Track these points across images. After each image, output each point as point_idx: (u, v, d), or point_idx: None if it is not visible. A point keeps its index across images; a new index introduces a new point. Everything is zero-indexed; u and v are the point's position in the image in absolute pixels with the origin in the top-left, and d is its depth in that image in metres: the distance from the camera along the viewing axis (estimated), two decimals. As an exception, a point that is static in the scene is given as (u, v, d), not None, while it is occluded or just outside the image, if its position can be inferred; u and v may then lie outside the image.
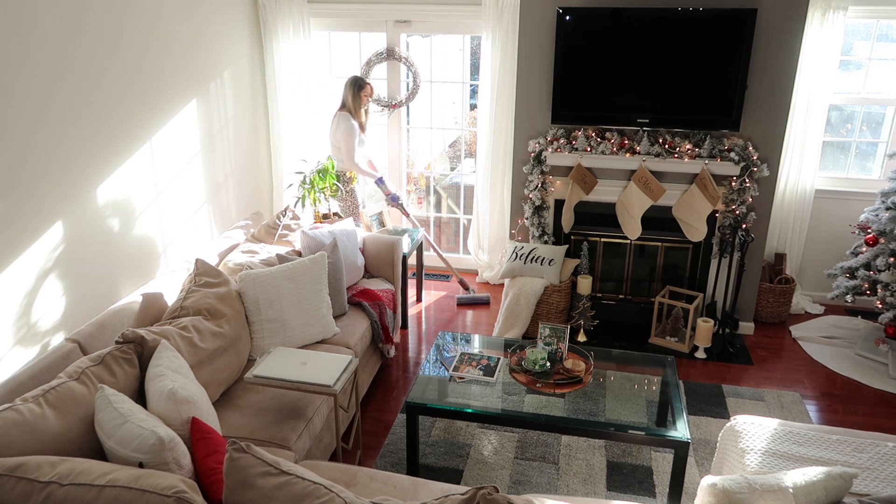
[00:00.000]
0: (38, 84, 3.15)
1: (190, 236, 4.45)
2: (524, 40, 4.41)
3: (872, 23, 4.66)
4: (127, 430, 2.00)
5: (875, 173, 4.95)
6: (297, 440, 2.80)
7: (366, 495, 2.32)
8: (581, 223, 4.62)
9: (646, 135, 4.31)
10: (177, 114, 4.20)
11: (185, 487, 1.73)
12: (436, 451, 3.40)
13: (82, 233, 3.51)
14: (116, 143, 3.70)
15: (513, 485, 3.16)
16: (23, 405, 2.05)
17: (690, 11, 4.02)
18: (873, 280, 4.17)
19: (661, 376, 3.29)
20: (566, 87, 4.32)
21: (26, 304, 3.21)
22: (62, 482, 1.74)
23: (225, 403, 2.98)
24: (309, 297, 3.41)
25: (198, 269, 3.21)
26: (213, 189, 4.71)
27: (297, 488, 1.70)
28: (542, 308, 4.47)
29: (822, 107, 4.62)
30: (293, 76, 5.24)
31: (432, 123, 5.69)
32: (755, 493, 1.96)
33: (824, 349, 4.45)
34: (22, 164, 3.13)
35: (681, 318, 4.44)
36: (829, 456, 2.61)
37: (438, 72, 5.53)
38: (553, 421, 2.93)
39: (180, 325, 2.84)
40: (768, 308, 4.76)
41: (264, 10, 5.10)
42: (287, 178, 5.42)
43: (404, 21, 5.14)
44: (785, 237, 4.95)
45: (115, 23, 3.60)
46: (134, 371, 2.44)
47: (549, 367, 3.21)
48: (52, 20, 3.20)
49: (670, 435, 2.81)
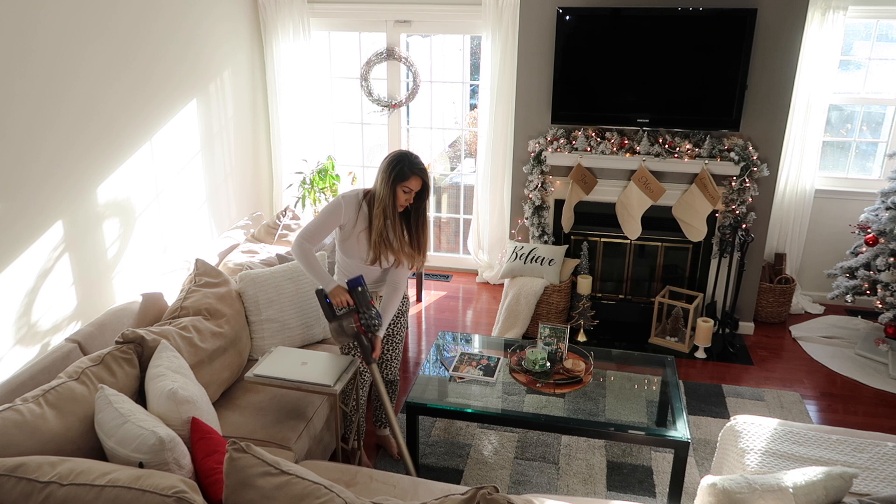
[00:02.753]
0: (47, 88, 3.15)
1: (190, 236, 4.45)
2: (524, 40, 4.41)
3: (872, 23, 4.66)
4: (127, 430, 2.00)
5: (875, 173, 4.95)
6: (297, 440, 2.80)
7: (366, 495, 2.32)
8: (581, 223, 4.62)
9: (646, 135, 4.31)
10: (177, 114, 4.20)
11: (185, 487, 1.73)
12: (436, 451, 3.40)
13: (82, 233, 3.51)
14: (117, 143, 3.70)
15: (513, 485, 3.16)
16: (23, 405, 2.05)
17: (690, 11, 4.02)
18: (873, 280, 4.16)
19: (661, 376, 3.29)
20: (566, 87, 4.32)
21: (26, 304, 3.21)
22: (62, 482, 1.74)
23: (225, 403, 2.98)
24: (309, 297, 3.41)
25: (198, 269, 3.21)
26: (213, 189, 4.71)
27: (297, 488, 1.70)
28: (542, 308, 4.47)
29: (822, 107, 4.62)
30: (293, 76, 5.24)
31: (432, 123, 5.69)
32: (755, 493, 1.96)
33: (824, 349, 4.45)
34: (31, 164, 3.13)
35: (681, 318, 4.44)
36: (829, 456, 2.61)
37: (438, 72, 5.53)
38: (553, 421, 2.93)
39: (180, 325, 2.84)
40: (768, 308, 4.76)
41: (264, 10, 5.10)
42: (287, 178, 5.42)
43: (404, 21, 5.14)
44: (785, 237, 4.95)
45: (115, 23, 3.60)
46: (134, 371, 2.44)
47: (549, 367, 3.21)
48: (56, 24, 3.20)
49: (670, 435, 2.81)
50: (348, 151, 5.77)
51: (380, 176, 2.76)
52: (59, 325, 3.42)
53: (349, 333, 2.76)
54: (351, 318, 2.76)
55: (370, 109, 5.48)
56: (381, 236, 2.78)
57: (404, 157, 2.75)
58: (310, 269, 2.79)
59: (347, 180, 5.28)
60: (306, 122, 5.37)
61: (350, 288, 2.74)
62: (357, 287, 2.72)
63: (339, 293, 2.76)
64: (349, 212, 2.81)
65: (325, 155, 5.24)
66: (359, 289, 2.72)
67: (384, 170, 2.74)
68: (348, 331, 2.76)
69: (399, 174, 2.71)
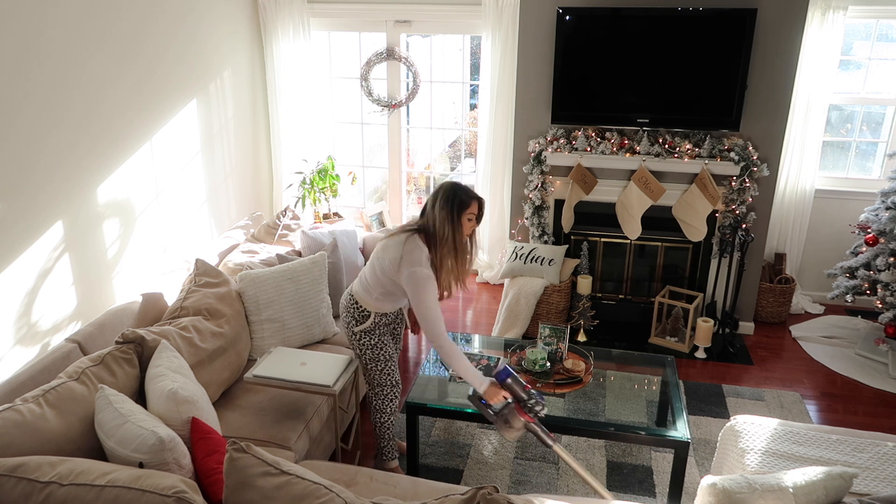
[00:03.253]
0: (49, 89, 3.15)
1: (190, 236, 4.45)
2: (524, 40, 4.41)
3: (872, 23, 4.66)
4: (127, 430, 2.00)
5: (875, 173, 4.94)
6: (296, 440, 2.80)
7: (366, 495, 2.31)
8: (581, 223, 4.62)
9: (646, 135, 4.31)
10: (177, 114, 4.20)
11: (185, 487, 1.73)
12: (436, 451, 3.40)
13: (83, 233, 3.51)
14: (118, 143, 3.70)
15: (513, 485, 3.16)
16: (23, 405, 2.05)
17: (690, 11, 4.02)
18: (873, 280, 4.16)
19: (661, 376, 3.29)
20: (566, 87, 4.32)
21: (27, 304, 3.21)
22: (62, 482, 1.74)
23: (225, 403, 2.98)
24: (309, 298, 3.40)
25: (198, 269, 3.21)
26: (213, 189, 4.71)
27: (297, 488, 1.70)
28: (542, 308, 4.47)
29: (822, 107, 4.62)
30: (293, 76, 5.24)
31: (432, 123, 5.69)
32: (755, 492, 1.96)
33: (824, 349, 4.45)
34: (32, 165, 3.13)
35: (681, 318, 4.44)
36: (829, 456, 2.61)
37: (438, 72, 5.53)
38: (553, 421, 2.93)
39: (180, 325, 2.84)
40: (768, 308, 4.76)
41: (264, 10, 5.10)
42: (287, 178, 5.42)
43: (404, 21, 5.14)
44: (785, 237, 4.95)
45: (116, 24, 3.60)
46: (134, 371, 2.44)
47: (549, 367, 3.21)
48: (58, 26, 3.20)
49: (670, 435, 2.81)
50: (348, 151, 5.78)
51: (440, 214, 2.67)
52: (59, 325, 3.42)
53: (518, 428, 2.62)
54: (513, 411, 2.59)
55: (370, 109, 5.48)
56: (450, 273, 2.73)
57: (456, 186, 2.72)
58: (460, 368, 2.66)
59: (347, 180, 5.29)
60: (306, 122, 5.37)
61: (501, 381, 2.60)
62: (507, 379, 2.58)
63: (495, 394, 2.62)
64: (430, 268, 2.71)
65: (325, 155, 5.24)
66: (508, 380, 2.58)
67: (444, 206, 2.67)
68: (517, 426, 2.61)
69: (461, 204, 2.68)
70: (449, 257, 2.70)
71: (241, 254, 3.79)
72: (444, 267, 2.71)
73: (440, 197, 2.69)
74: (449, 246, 2.69)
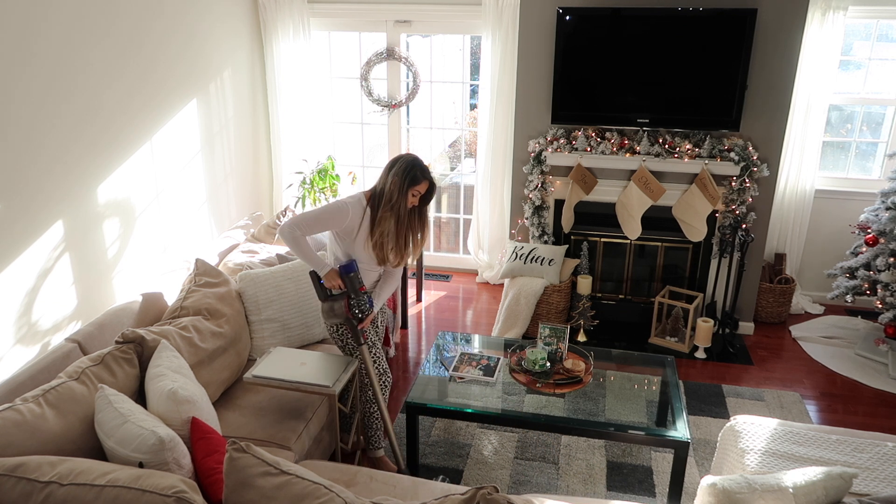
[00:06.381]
0: (48, 88, 3.15)
1: (190, 236, 4.45)
2: (524, 40, 4.41)
3: (872, 23, 4.66)
4: (127, 430, 2.00)
5: (875, 173, 4.95)
6: (296, 440, 2.80)
7: (366, 495, 2.32)
8: (581, 223, 4.62)
9: (646, 135, 4.31)
10: (177, 114, 4.20)
11: (185, 487, 1.73)
12: (436, 451, 3.40)
13: (83, 232, 3.51)
14: (117, 143, 3.70)
15: (513, 485, 3.16)
16: (23, 405, 2.05)
17: (690, 11, 4.02)
18: (873, 280, 4.17)
19: (661, 376, 3.29)
20: (566, 87, 4.32)
21: (26, 304, 3.21)
22: (62, 482, 1.74)
23: (225, 403, 2.98)
24: (309, 297, 3.41)
25: (198, 269, 3.21)
26: (213, 189, 4.71)
27: (297, 488, 1.70)
28: (542, 308, 4.47)
29: (822, 107, 4.62)
30: (293, 76, 5.24)
31: (432, 123, 5.69)
32: (755, 493, 1.96)
33: (824, 349, 4.45)
34: (31, 164, 3.13)
35: (681, 318, 4.44)
36: (829, 456, 2.61)
37: (438, 72, 5.53)
38: (553, 421, 2.93)
39: (180, 325, 2.84)
40: (768, 308, 4.76)
41: (264, 10, 5.10)
42: (287, 178, 5.42)
43: (404, 21, 5.14)
44: (785, 237, 4.95)
45: (116, 23, 3.60)
46: (134, 371, 2.44)
47: (549, 367, 3.21)
48: (57, 25, 3.20)
49: (670, 435, 2.81)
50: (348, 151, 5.77)
51: (391, 179, 2.83)
52: (59, 324, 3.42)
53: (339, 315, 2.87)
54: (342, 301, 2.85)
55: (370, 109, 5.48)
56: (386, 236, 2.85)
57: (417, 162, 2.87)
58: (302, 254, 2.83)
59: (347, 180, 5.29)
60: (306, 121, 5.37)
61: (342, 273, 2.83)
62: (349, 272, 2.82)
63: (333, 276, 2.85)
64: (355, 217, 2.85)
65: (325, 155, 5.24)
66: (350, 274, 2.82)
67: (398, 174, 2.82)
68: (338, 313, 2.86)
69: (413, 179, 2.83)
70: (389, 220, 2.83)
71: (241, 254, 3.79)
72: (381, 226, 2.84)
73: (397, 165, 2.85)
74: (392, 208, 2.83)
